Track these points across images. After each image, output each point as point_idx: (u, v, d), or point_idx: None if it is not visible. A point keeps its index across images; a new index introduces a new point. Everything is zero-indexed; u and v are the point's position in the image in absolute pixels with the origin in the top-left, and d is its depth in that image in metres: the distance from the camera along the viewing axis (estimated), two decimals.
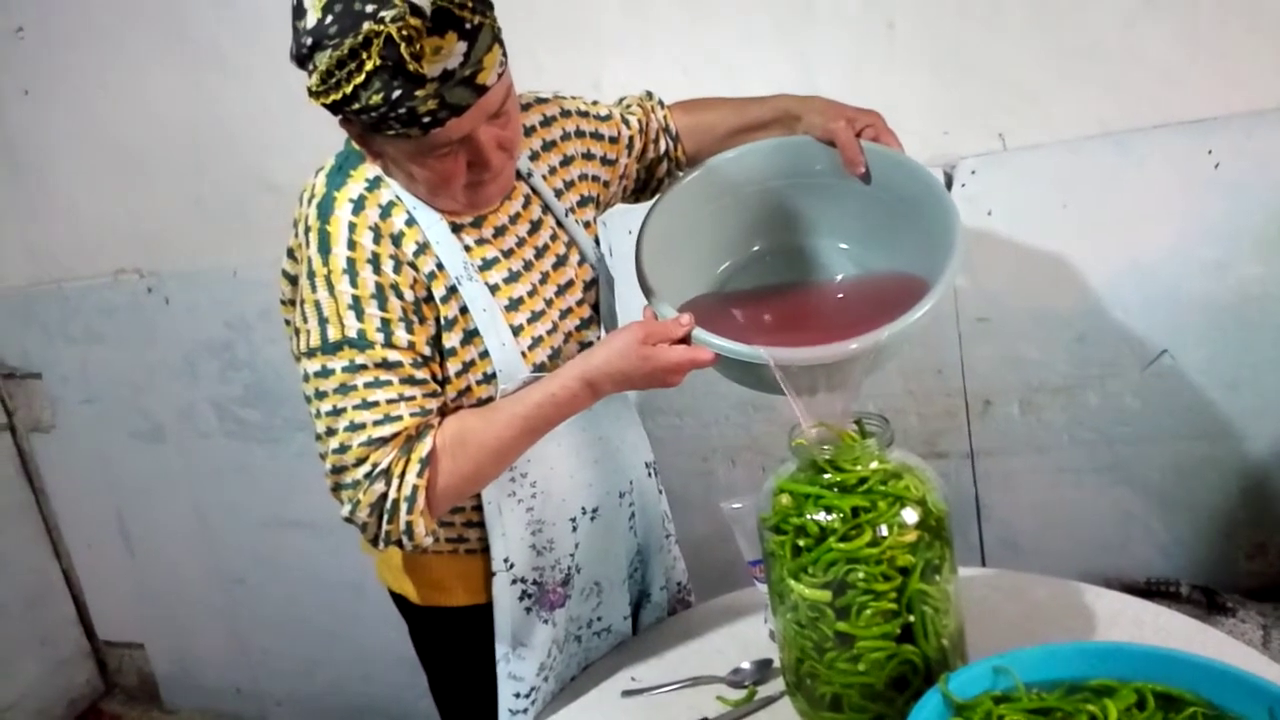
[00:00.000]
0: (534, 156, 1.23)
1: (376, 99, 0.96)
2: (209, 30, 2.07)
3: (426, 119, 0.98)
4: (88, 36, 2.17)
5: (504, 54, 1.02)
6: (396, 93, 0.96)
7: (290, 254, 1.16)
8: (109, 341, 2.42)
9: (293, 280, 1.17)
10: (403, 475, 1.08)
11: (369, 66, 0.94)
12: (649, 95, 1.41)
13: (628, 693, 1.28)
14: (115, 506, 2.59)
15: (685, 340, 1.09)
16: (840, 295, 1.26)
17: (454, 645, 1.32)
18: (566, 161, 1.27)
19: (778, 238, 1.31)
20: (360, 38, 0.94)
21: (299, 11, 0.99)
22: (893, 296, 1.11)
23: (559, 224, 1.25)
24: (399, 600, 1.35)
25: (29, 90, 2.27)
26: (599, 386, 1.11)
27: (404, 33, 0.93)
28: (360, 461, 1.07)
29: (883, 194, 1.21)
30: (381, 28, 0.93)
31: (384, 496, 1.08)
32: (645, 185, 1.40)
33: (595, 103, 1.35)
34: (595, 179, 1.31)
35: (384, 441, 1.07)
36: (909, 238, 1.19)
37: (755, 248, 1.31)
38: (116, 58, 2.16)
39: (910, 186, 1.19)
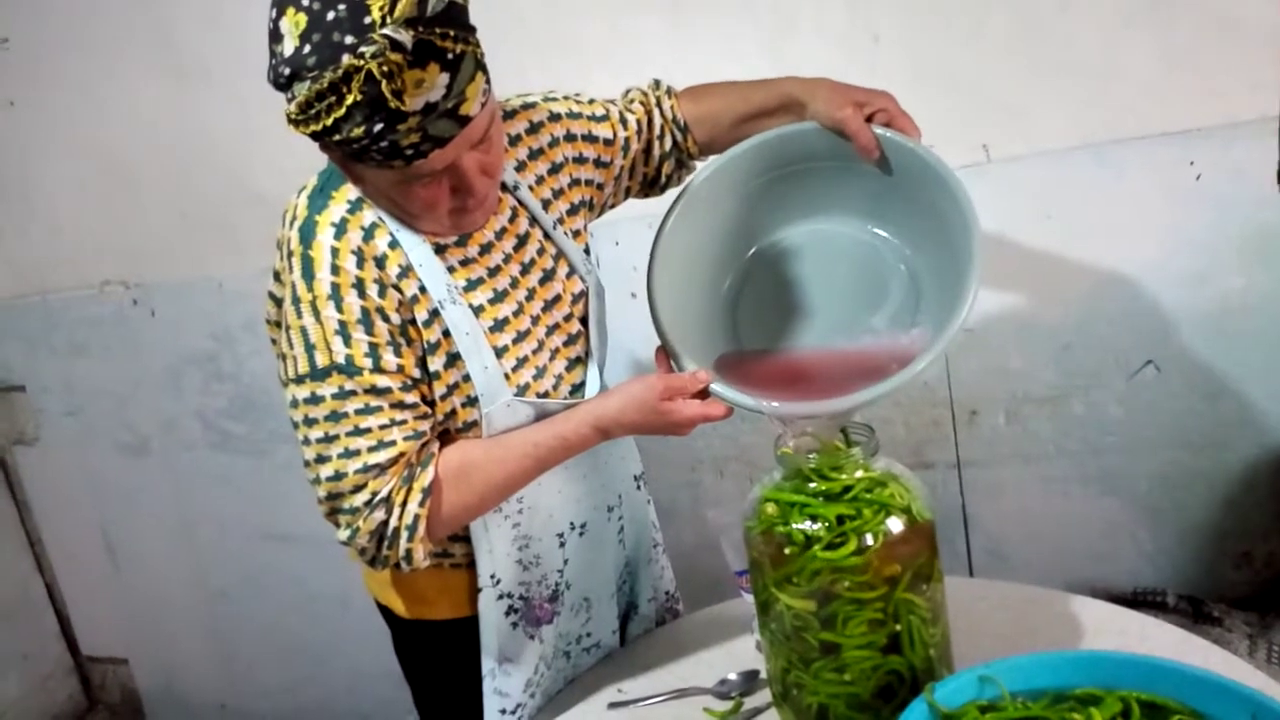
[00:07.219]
0: (520, 166, 1.20)
1: (358, 132, 0.93)
2: (195, 42, 2.07)
3: (409, 151, 0.96)
4: (73, 48, 2.16)
5: (487, 80, 1.00)
6: (378, 127, 0.93)
7: (275, 275, 1.15)
8: (93, 354, 2.41)
9: (278, 302, 1.15)
10: (404, 504, 1.07)
11: (349, 101, 0.91)
12: (656, 84, 1.33)
13: (614, 705, 1.27)
14: (99, 520, 2.57)
15: (702, 392, 1.10)
16: (848, 346, 1.22)
17: (439, 659, 1.32)
18: (555, 169, 1.23)
19: (775, 233, 1.26)
20: (340, 72, 0.90)
21: (275, 36, 0.95)
22: (892, 346, 1.11)
23: (546, 236, 1.22)
24: (385, 612, 1.34)
25: (14, 101, 2.26)
26: (610, 432, 1.13)
27: (384, 69, 0.89)
28: (358, 489, 1.07)
29: (897, 180, 1.16)
30: (361, 63, 0.89)
31: (384, 524, 1.08)
32: (654, 182, 1.36)
33: (591, 101, 1.29)
34: (588, 183, 1.27)
35: (381, 469, 1.06)
36: (919, 220, 1.16)
37: (751, 251, 1.27)
38: (102, 69, 2.16)
39: (925, 179, 1.12)
